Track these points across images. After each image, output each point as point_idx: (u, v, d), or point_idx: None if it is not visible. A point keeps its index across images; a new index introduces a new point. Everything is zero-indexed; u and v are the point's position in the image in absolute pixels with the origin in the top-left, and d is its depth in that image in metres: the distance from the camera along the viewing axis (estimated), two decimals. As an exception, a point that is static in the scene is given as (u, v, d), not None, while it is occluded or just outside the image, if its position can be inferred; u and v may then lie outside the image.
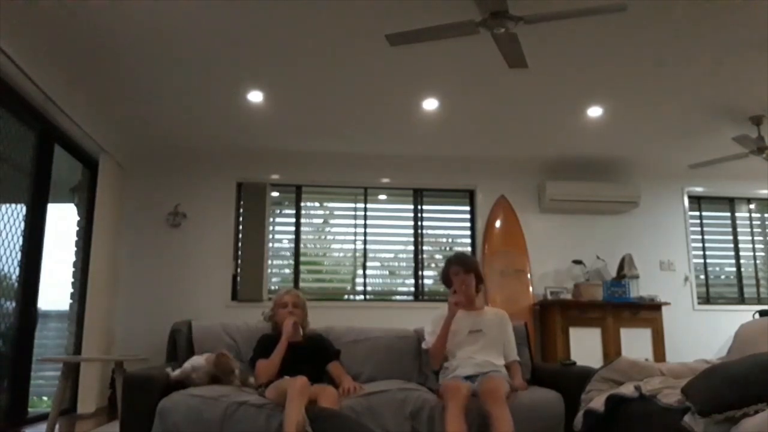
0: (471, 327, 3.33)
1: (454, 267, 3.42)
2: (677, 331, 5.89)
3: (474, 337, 3.30)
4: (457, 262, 3.45)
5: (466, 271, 3.39)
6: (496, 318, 3.44)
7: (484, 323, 3.37)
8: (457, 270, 3.39)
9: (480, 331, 3.31)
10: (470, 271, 3.40)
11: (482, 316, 3.41)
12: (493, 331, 3.36)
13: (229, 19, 3.65)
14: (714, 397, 2.09)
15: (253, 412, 2.67)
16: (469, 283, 3.38)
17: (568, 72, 4.35)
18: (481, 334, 3.31)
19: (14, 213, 4.00)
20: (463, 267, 3.40)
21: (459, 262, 3.44)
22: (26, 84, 3.82)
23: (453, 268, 3.42)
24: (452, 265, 3.44)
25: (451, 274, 3.40)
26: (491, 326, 3.37)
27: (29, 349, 4.15)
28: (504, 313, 3.52)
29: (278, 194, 6.19)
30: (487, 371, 3.12)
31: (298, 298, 3.25)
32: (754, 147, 5.10)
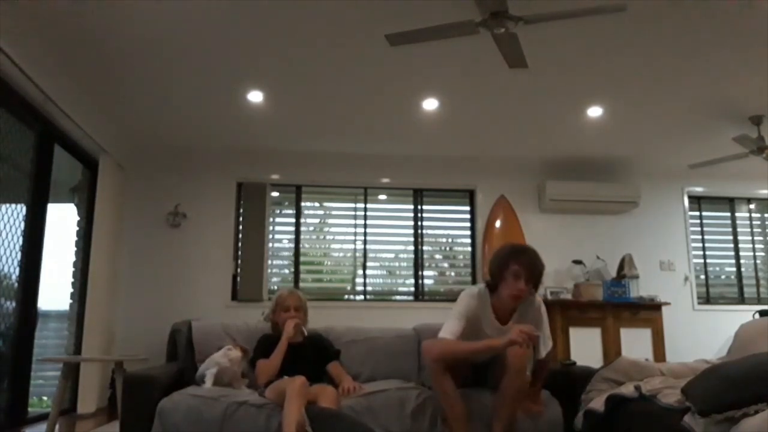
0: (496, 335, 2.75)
1: (515, 266, 2.68)
2: (677, 331, 5.89)
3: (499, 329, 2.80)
4: (523, 259, 2.69)
5: (528, 281, 2.68)
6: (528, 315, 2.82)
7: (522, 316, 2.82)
8: (519, 273, 2.67)
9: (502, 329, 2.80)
10: (531, 282, 2.70)
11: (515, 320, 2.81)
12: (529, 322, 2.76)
13: (229, 20, 3.65)
14: (714, 397, 2.09)
15: (253, 412, 2.67)
16: (522, 297, 2.72)
17: (568, 72, 4.35)
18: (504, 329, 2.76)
19: (14, 213, 4.00)
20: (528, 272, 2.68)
21: (526, 263, 2.69)
22: (26, 84, 3.82)
23: (514, 266, 2.68)
24: (517, 260, 2.68)
25: (511, 273, 2.68)
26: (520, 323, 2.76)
27: (29, 349, 4.15)
28: (540, 304, 2.86)
29: (278, 194, 6.19)
30: None
31: (300, 301, 3.24)
32: (754, 147, 5.10)
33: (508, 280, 2.68)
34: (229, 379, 2.96)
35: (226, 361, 2.94)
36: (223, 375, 2.92)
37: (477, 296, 2.78)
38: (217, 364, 2.92)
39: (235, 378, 2.99)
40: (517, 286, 2.66)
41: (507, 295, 2.70)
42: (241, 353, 3.00)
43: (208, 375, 2.89)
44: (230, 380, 2.96)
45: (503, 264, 2.70)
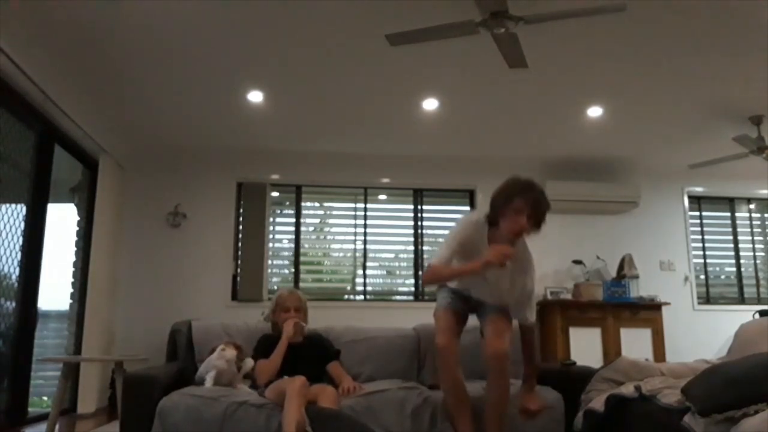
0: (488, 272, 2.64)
1: (520, 201, 2.55)
2: (677, 331, 5.89)
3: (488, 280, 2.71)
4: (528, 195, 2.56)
5: (531, 217, 2.55)
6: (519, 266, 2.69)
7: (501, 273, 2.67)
8: (522, 208, 2.54)
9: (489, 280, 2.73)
10: (534, 220, 2.57)
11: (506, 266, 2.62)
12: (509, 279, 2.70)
13: (229, 20, 3.65)
14: (714, 397, 2.09)
15: (253, 412, 2.67)
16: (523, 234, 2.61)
17: (568, 72, 4.35)
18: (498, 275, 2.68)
19: (14, 213, 4.00)
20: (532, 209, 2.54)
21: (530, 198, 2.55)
22: (26, 84, 3.82)
23: (519, 201, 2.55)
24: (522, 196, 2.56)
25: (513, 209, 2.55)
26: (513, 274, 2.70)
27: (29, 349, 4.15)
28: (530, 258, 2.76)
29: (278, 194, 6.19)
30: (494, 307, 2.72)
31: (300, 301, 3.24)
32: (754, 147, 5.10)
33: (509, 216, 2.56)
34: (228, 380, 2.96)
35: (222, 362, 2.94)
36: (222, 377, 2.93)
37: (474, 225, 2.69)
38: (215, 367, 2.92)
39: (235, 378, 2.99)
40: (518, 221, 2.53)
41: (507, 230, 2.58)
42: (235, 351, 2.99)
43: (208, 379, 2.89)
44: (229, 381, 2.96)
45: (507, 198, 2.58)
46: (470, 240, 2.65)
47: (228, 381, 2.95)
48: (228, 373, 2.95)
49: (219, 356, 2.96)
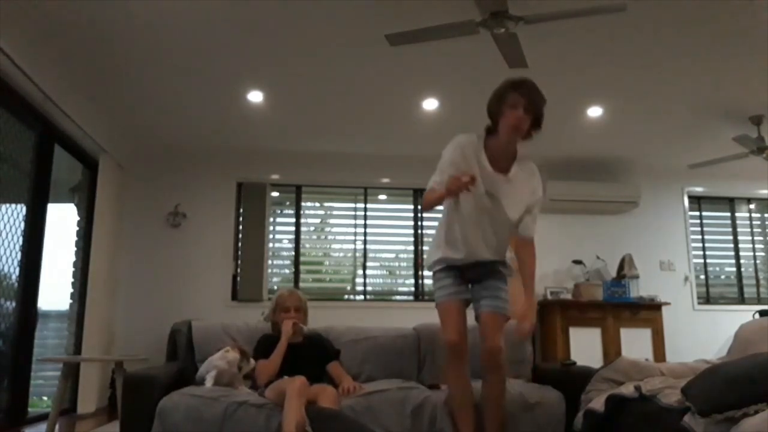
0: (488, 187, 2.58)
1: (515, 96, 2.50)
2: (677, 331, 5.90)
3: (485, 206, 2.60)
4: (521, 88, 2.50)
5: (527, 110, 2.49)
6: (522, 179, 2.62)
7: (506, 189, 2.61)
8: (517, 101, 2.49)
9: (495, 197, 2.60)
10: (531, 113, 2.50)
11: (509, 180, 2.62)
12: (514, 198, 2.61)
13: (228, 20, 3.65)
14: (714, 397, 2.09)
15: (252, 412, 2.67)
16: (522, 128, 2.51)
17: (568, 72, 4.35)
18: (495, 203, 2.60)
19: (14, 213, 4.00)
20: (526, 100, 2.48)
21: (524, 91, 2.50)
22: (26, 84, 3.82)
23: (513, 96, 2.50)
24: (515, 90, 2.50)
25: (508, 105, 2.50)
26: (513, 193, 2.61)
27: (29, 349, 4.15)
28: (535, 169, 2.68)
29: (278, 194, 6.19)
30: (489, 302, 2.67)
31: (300, 301, 3.24)
32: (754, 147, 5.10)
33: (505, 113, 2.50)
34: (229, 381, 2.96)
35: (224, 363, 2.94)
36: (222, 377, 2.93)
37: (465, 143, 2.63)
38: (216, 367, 2.92)
39: (235, 379, 2.99)
40: (515, 114, 2.47)
41: (506, 127, 2.50)
42: (239, 354, 2.99)
43: (208, 378, 2.89)
44: (229, 381, 2.96)
45: (500, 97, 2.53)
46: (462, 159, 2.58)
47: (228, 381, 2.95)
48: (228, 373, 2.95)
49: (221, 356, 2.96)
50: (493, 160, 2.60)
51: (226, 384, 2.93)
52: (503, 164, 2.62)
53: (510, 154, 2.64)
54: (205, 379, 2.91)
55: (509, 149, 2.63)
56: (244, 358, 3.00)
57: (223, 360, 2.95)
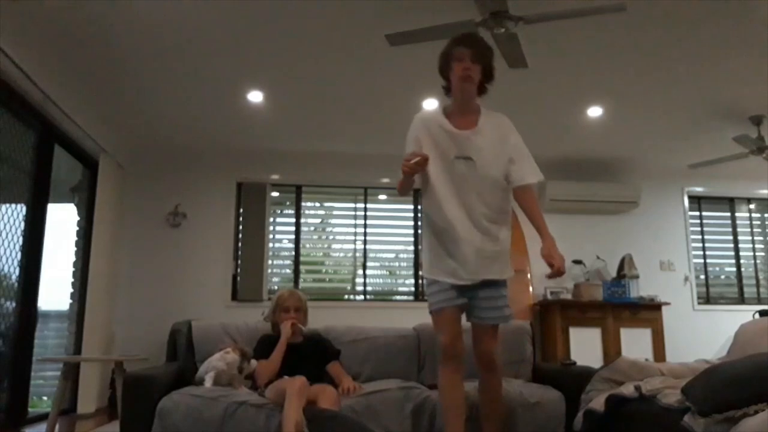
0: (458, 151, 2.50)
1: (459, 49, 2.47)
2: (677, 331, 5.89)
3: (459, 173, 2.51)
4: (464, 41, 2.49)
5: (474, 59, 2.47)
6: (491, 129, 2.54)
7: (476, 144, 2.51)
8: (462, 54, 2.47)
9: (469, 158, 2.50)
10: (478, 62, 2.48)
11: (476, 133, 2.52)
12: (488, 151, 2.50)
13: (229, 20, 3.65)
14: (714, 397, 2.09)
15: (252, 412, 2.67)
16: (472, 77, 2.48)
17: (568, 72, 4.35)
18: (469, 166, 2.50)
19: (14, 213, 4.00)
20: (471, 50, 2.46)
21: (467, 42, 2.49)
22: (26, 84, 3.82)
23: (458, 50, 2.48)
24: (458, 45, 2.49)
25: (455, 60, 2.48)
26: (485, 145, 2.51)
27: (29, 349, 4.15)
28: (503, 117, 2.61)
29: (278, 194, 6.19)
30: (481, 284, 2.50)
31: (300, 302, 3.23)
32: (754, 147, 5.10)
33: (454, 68, 2.47)
34: (228, 381, 2.96)
35: (222, 364, 2.94)
36: (221, 378, 2.93)
37: (423, 116, 2.63)
38: (214, 368, 2.92)
39: (234, 380, 2.99)
40: (462, 66, 2.44)
41: (456, 80, 2.48)
42: (239, 356, 2.99)
43: (207, 379, 2.90)
44: (229, 382, 2.97)
45: (447, 54, 2.51)
46: (422, 132, 2.56)
47: (227, 382, 2.96)
48: (227, 374, 2.95)
49: (220, 358, 2.96)
50: (456, 121, 2.54)
51: (225, 385, 2.93)
52: (468, 121, 2.54)
53: (471, 109, 2.57)
54: (204, 380, 2.91)
55: (470, 105, 2.56)
56: (244, 359, 3.00)
57: (222, 361, 2.95)
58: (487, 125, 2.54)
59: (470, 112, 2.56)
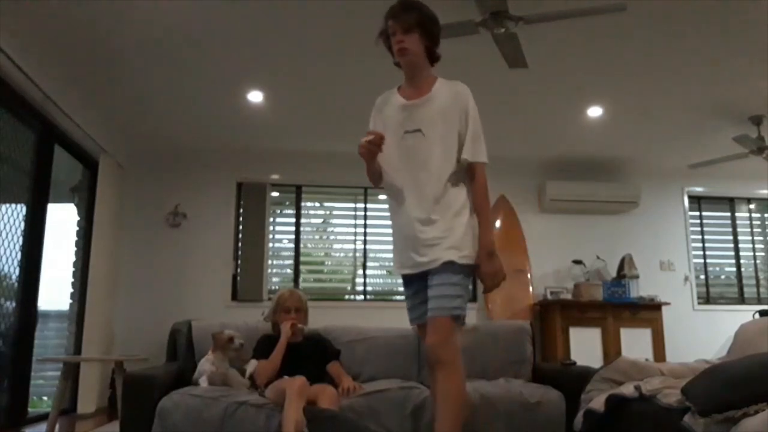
0: (407, 125, 2.31)
1: (389, 23, 2.29)
2: (677, 331, 5.89)
3: (408, 148, 2.30)
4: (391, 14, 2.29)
5: (405, 29, 2.25)
6: (444, 98, 2.31)
7: (425, 114, 2.30)
8: (393, 28, 2.27)
9: (418, 131, 2.29)
10: (412, 31, 2.26)
11: (426, 102, 2.32)
12: (439, 122, 2.27)
13: (229, 19, 3.65)
14: (714, 397, 2.09)
15: (252, 412, 2.67)
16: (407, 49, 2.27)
17: (568, 72, 4.35)
18: (418, 139, 2.29)
19: (14, 213, 4.00)
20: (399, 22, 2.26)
21: (394, 14, 2.28)
22: (26, 84, 3.82)
23: (389, 25, 2.29)
24: (387, 20, 2.30)
25: (390, 34, 2.31)
26: (435, 115, 2.28)
27: (29, 349, 4.15)
28: (461, 86, 2.36)
29: (278, 194, 6.19)
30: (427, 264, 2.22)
31: (301, 302, 3.23)
32: (754, 147, 5.10)
33: (393, 44, 2.31)
34: (222, 380, 2.97)
35: (209, 365, 2.97)
36: (214, 379, 2.95)
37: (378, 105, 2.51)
38: (204, 372, 2.95)
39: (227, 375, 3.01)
40: (395, 40, 2.26)
41: (396, 55, 2.32)
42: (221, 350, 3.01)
43: (201, 383, 2.92)
44: (223, 381, 2.98)
45: (383, 32, 2.35)
46: (378, 117, 2.46)
47: (222, 381, 2.97)
48: (218, 374, 2.97)
49: (205, 360, 3.01)
50: (407, 93, 2.38)
51: (221, 385, 2.94)
52: (419, 91, 2.34)
53: (423, 80, 2.35)
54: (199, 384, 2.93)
55: (419, 76, 2.36)
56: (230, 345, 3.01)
57: (207, 362, 2.98)
58: (440, 94, 2.31)
59: (422, 83, 2.35)
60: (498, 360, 3.43)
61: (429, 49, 2.33)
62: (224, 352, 3.03)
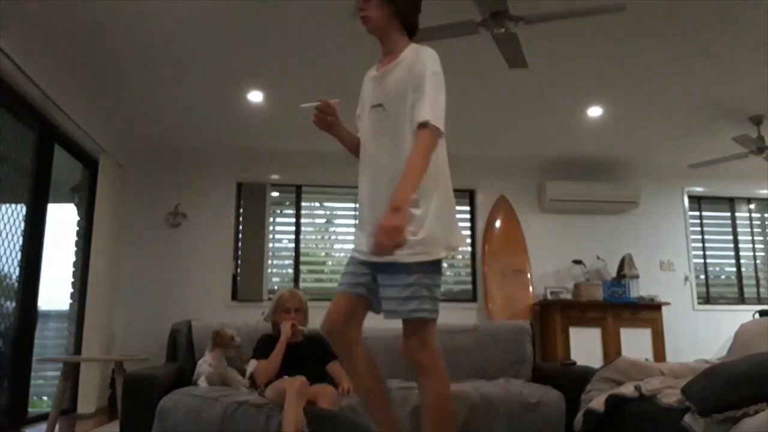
0: (373, 98, 2.17)
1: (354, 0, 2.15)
2: (677, 331, 5.89)
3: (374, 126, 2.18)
4: None
5: None
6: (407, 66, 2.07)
7: (386, 85, 2.11)
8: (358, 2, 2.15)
9: (380, 106, 2.13)
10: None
11: (388, 72, 2.12)
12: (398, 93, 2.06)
13: (228, 20, 3.65)
14: (714, 397, 2.09)
15: (252, 412, 2.67)
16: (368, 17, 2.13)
17: (568, 72, 4.35)
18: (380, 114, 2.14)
19: (14, 213, 4.00)
20: None
21: None
22: (26, 84, 3.82)
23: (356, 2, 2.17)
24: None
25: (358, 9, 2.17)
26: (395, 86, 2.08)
27: (29, 349, 4.15)
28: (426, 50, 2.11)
29: (278, 194, 6.19)
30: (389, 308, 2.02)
31: (301, 302, 3.24)
32: (754, 147, 5.10)
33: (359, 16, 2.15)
34: (221, 381, 2.98)
35: (207, 366, 2.98)
36: (213, 379, 2.95)
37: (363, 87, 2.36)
38: (202, 373, 2.96)
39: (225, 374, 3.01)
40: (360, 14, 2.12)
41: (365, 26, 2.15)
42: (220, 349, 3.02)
43: (200, 383, 2.92)
44: (222, 381, 2.98)
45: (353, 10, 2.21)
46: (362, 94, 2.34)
47: (221, 381, 2.97)
48: (216, 374, 2.98)
49: (203, 361, 3.01)
50: (380, 65, 2.21)
51: (220, 384, 2.95)
52: (388, 62, 2.16)
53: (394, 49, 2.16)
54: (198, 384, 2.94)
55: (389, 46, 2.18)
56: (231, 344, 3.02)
57: (205, 363, 2.98)
58: (404, 62, 2.08)
59: (393, 53, 2.14)
60: (498, 360, 3.43)
61: (398, 15, 2.15)
62: (224, 351, 3.04)
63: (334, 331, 2.15)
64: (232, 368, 3.10)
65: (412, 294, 1.97)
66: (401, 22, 2.17)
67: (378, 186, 2.10)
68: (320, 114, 2.26)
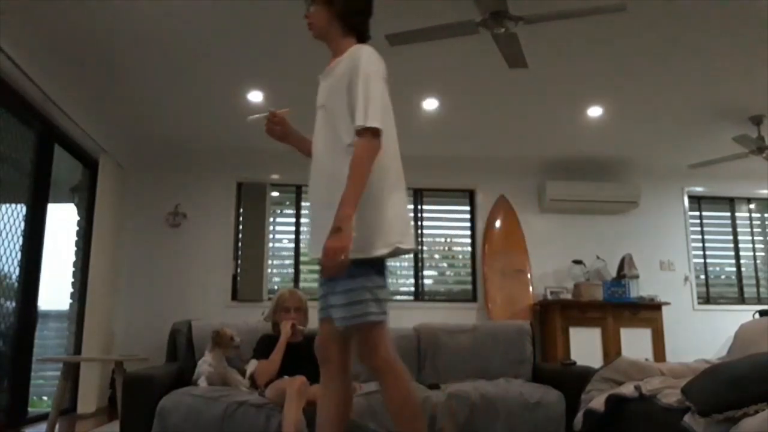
0: (318, 100, 2.24)
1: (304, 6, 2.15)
2: (677, 331, 5.89)
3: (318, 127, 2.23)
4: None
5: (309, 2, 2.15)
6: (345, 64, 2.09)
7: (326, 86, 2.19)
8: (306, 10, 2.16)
9: (322, 107, 2.21)
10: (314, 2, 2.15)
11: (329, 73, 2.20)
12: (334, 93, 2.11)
13: (228, 19, 3.65)
14: (714, 397, 2.10)
15: (252, 412, 2.68)
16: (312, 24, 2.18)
17: (568, 72, 4.35)
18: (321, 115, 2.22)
19: (14, 213, 4.00)
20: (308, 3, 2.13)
21: None
22: (26, 84, 3.82)
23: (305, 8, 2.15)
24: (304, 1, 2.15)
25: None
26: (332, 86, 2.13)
27: (29, 349, 4.15)
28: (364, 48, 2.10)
29: (278, 194, 6.19)
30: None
31: (301, 302, 3.24)
32: (754, 147, 5.10)
33: None
34: (221, 380, 2.98)
35: (207, 366, 2.98)
36: (213, 379, 2.96)
37: None
38: (202, 373, 2.96)
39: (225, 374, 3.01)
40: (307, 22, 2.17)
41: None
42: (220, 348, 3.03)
43: (200, 383, 2.92)
44: (222, 380, 2.98)
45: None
46: None
47: (221, 381, 2.98)
48: (216, 374, 2.98)
49: (203, 362, 3.02)
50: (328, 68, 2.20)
51: (220, 384, 2.95)
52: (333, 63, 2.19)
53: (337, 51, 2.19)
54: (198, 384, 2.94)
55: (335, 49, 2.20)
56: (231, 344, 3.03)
57: (205, 363, 2.98)
58: (342, 62, 2.09)
59: (337, 55, 2.17)
60: (498, 360, 3.44)
61: (339, 18, 2.12)
62: (224, 351, 3.04)
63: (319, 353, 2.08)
64: (232, 368, 3.10)
65: (354, 298, 1.90)
66: (342, 24, 2.16)
67: (317, 184, 2.14)
68: (269, 124, 2.30)
